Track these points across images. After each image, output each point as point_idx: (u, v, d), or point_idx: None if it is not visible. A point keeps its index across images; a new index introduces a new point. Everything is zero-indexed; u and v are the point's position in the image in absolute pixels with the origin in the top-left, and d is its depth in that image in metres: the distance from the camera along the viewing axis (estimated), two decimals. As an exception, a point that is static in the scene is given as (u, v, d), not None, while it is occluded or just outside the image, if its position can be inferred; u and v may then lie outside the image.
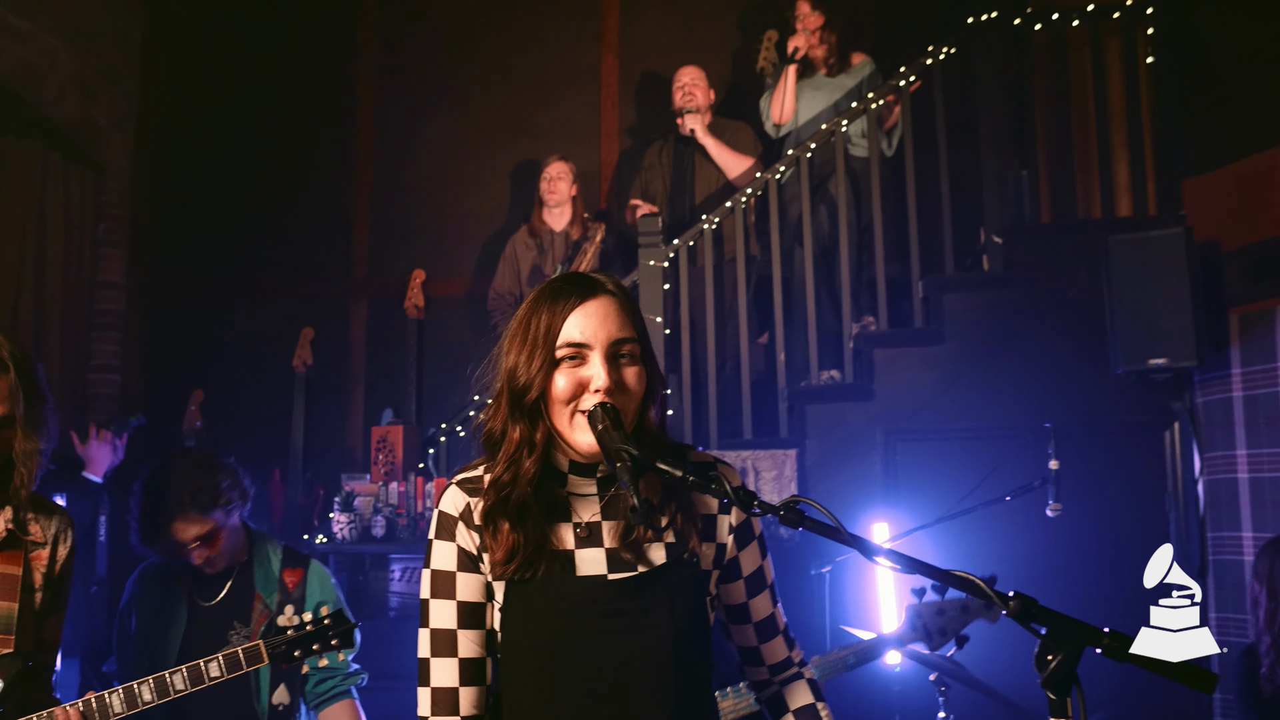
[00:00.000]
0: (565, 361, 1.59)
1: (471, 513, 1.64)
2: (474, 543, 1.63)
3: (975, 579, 1.32)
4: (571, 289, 1.63)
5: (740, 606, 1.78)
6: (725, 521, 1.72)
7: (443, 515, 1.66)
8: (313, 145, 6.27)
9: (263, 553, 2.99)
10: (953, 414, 4.52)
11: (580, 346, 1.59)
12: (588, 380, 1.58)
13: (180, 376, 5.83)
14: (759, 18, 6.00)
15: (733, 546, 1.73)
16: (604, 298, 1.63)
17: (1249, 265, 4.20)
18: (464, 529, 1.64)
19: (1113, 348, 4.24)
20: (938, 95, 4.85)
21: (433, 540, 1.66)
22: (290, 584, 2.95)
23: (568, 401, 1.58)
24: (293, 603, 2.88)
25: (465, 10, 6.27)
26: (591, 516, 1.65)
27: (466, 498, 1.65)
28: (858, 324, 4.86)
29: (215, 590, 2.94)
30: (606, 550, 1.62)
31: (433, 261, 5.98)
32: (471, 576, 1.64)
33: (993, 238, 4.71)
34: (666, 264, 4.82)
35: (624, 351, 1.61)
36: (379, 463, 4.93)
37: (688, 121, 5.26)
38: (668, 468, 1.48)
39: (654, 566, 1.62)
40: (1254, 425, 4.12)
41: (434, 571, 1.65)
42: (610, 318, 1.61)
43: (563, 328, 1.59)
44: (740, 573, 1.76)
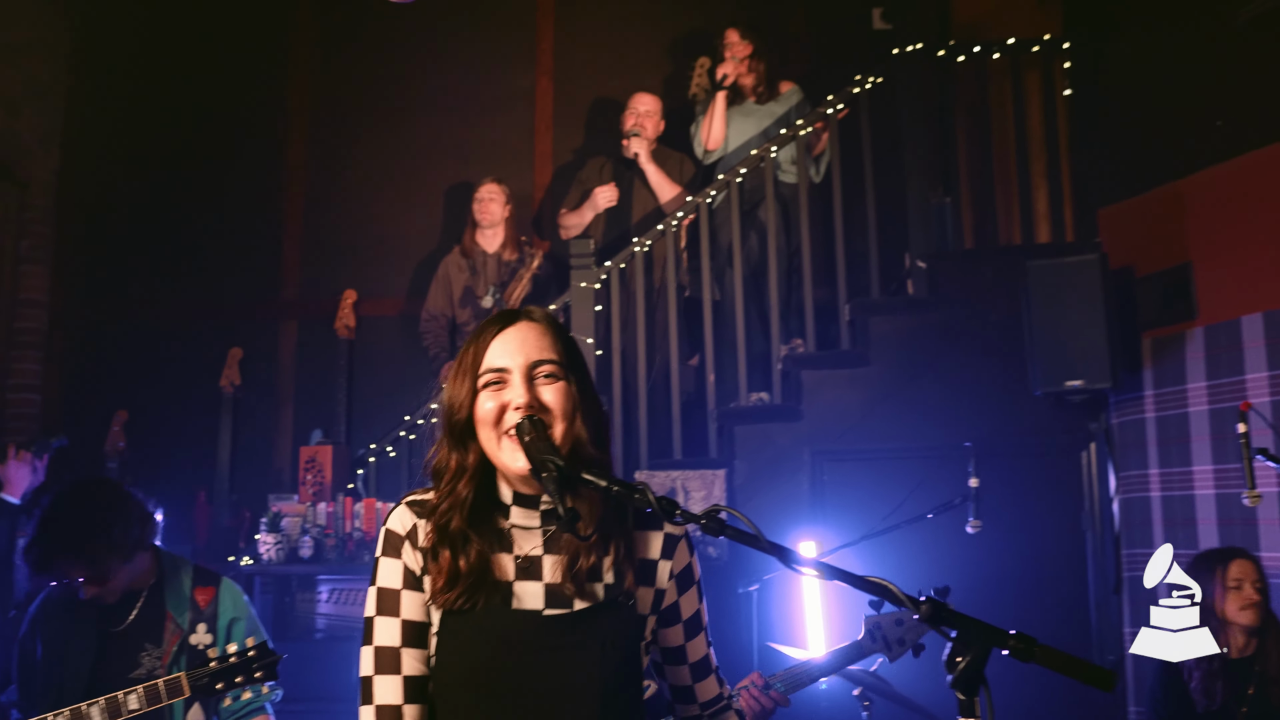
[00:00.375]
0: (489, 387, 1.64)
1: (418, 533, 1.65)
2: (418, 563, 1.64)
3: (887, 584, 1.36)
4: (495, 321, 1.70)
5: (678, 649, 1.80)
6: (666, 567, 1.74)
7: (390, 533, 1.67)
8: (243, 163, 6.21)
9: (173, 573, 2.94)
10: (878, 434, 4.62)
11: (500, 371, 1.64)
12: (508, 402, 1.62)
13: (103, 396, 5.72)
14: (691, 45, 6.10)
15: (673, 592, 1.75)
16: (524, 323, 1.68)
17: (1160, 290, 4.36)
18: (409, 548, 1.65)
19: (1031, 370, 4.37)
20: (864, 124, 4.96)
21: (379, 558, 1.66)
22: (202, 602, 2.90)
23: (494, 424, 1.62)
24: (205, 620, 2.85)
25: (399, 31, 6.27)
26: (533, 549, 1.66)
27: (414, 518, 1.66)
28: (786, 346, 4.94)
29: (124, 614, 2.87)
30: (545, 585, 1.63)
31: (364, 282, 5.94)
32: (416, 595, 1.64)
33: (917, 263, 4.83)
34: (599, 286, 4.86)
35: (543, 373, 1.64)
36: (307, 483, 4.89)
37: (632, 145, 5.32)
38: (593, 478, 1.51)
39: (591, 604, 1.63)
40: (1165, 445, 4.27)
41: (380, 589, 1.65)
42: (529, 341, 1.66)
43: (485, 355, 1.65)
44: (679, 617, 1.78)
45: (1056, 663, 1.32)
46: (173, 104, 6.21)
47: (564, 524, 1.46)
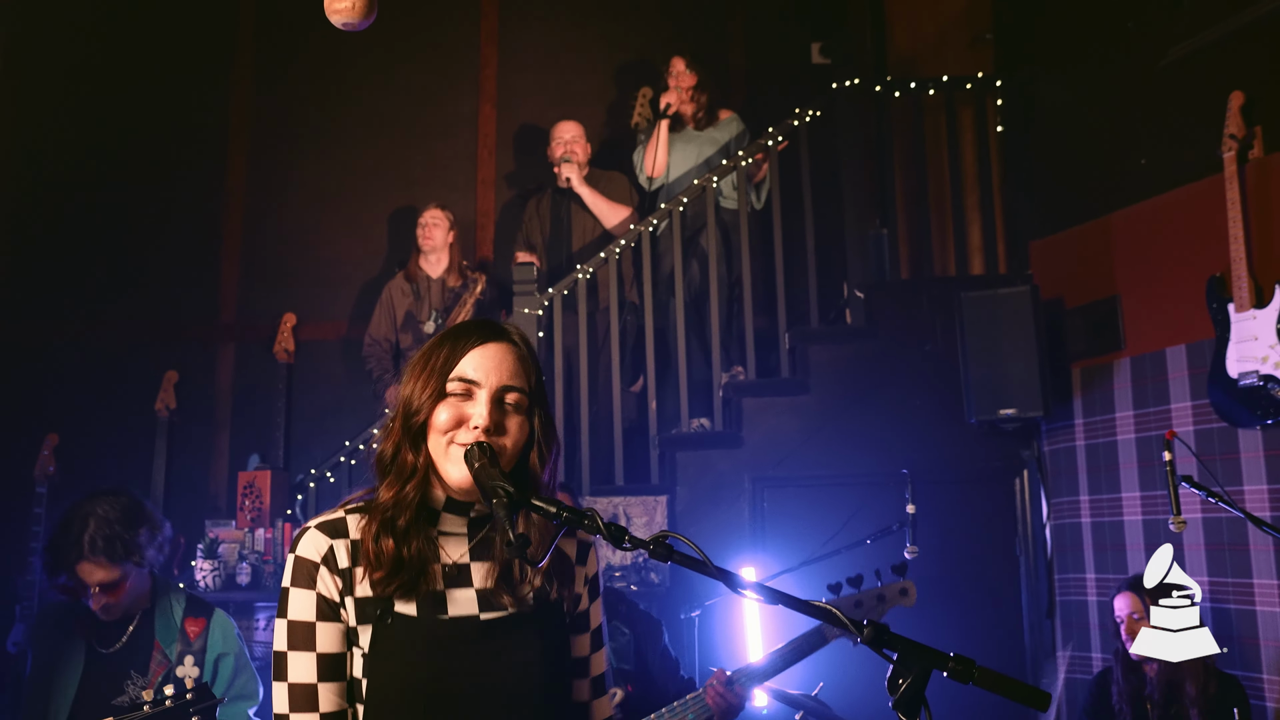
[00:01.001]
0: (453, 396, 1.63)
1: (335, 556, 1.61)
2: (336, 588, 1.60)
3: (831, 608, 1.40)
4: (477, 330, 1.69)
5: (583, 660, 1.79)
6: (581, 573, 1.76)
7: (300, 561, 1.60)
8: (182, 183, 6.14)
9: (165, 601, 2.91)
10: (817, 461, 4.69)
11: (470, 383, 1.63)
12: (468, 417, 1.62)
13: (33, 419, 5.60)
14: (632, 74, 6.19)
15: (585, 598, 1.77)
16: (505, 344, 1.68)
17: (1088, 322, 4.49)
18: (326, 574, 1.60)
19: (966, 398, 4.47)
20: (804, 155, 5.06)
21: (289, 589, 1.60)
22: (192, 634, 2.87)
23: (445, 432, 1.62)
24: (193, 653, 2.82)
25: (342, 55, 6.26)
26: (460, 557, 1.66)
27: (328, 540, 1.62)
28: (727, 374, 5.00)
29: (115, 638, 2.85)
30: (477, 590, 1.64)
31: (304, 305, 5.91)
32: (332, 626, 1.59)
33: (855, 292, 4.92)
34: (541, 312, 4.89)
35: (510, 400, 1.65)
36: (245, 508, 4.83)
37: (564, 171, 5.37)
38: (542, 504, 1.53)
39: (524, 608, 1.64)
40: (1095, 472, 4.39)
41: (291, 622, 1.59)
42: (505, 364, 1.66)
43: (459, 363, 1.64)
44: (588, 625, 1.79)
45: (994, 684, 1.36)
46: (109, 122, 6.11)
47: (514, 550, 1.46)
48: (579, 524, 1.51)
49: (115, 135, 6.11)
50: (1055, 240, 4.74)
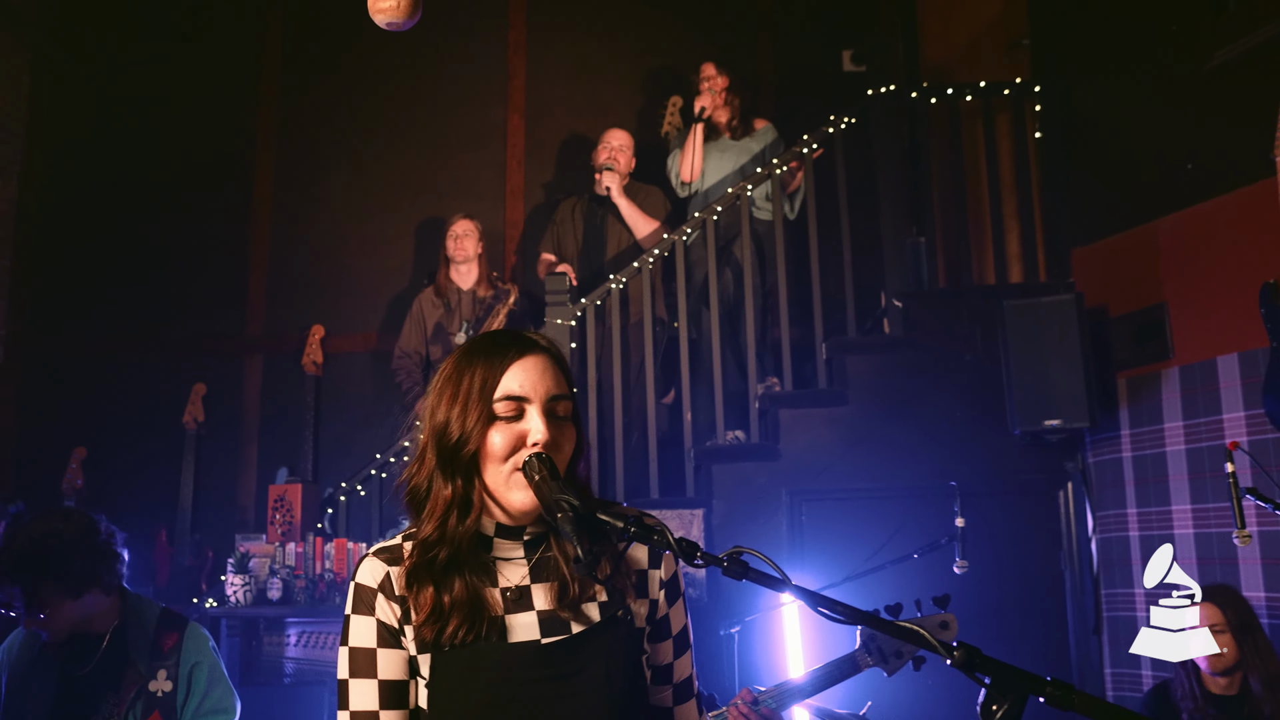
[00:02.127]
0: (503, 420, 1.56)
1: (391, 583, 1.56)
2: (395, 615, 1.56)
3: (920, 629, 1.32)
4: (509, 344, 1.61)
5: (665, 667, 1.72)
6: (656, 577, 1.68)
7: (360, 588, 1.57)
8: (210, 196, 6.13)
9: (137, 616, 2.83)
10: (856, 474, 4.60)
11: (520, 400, 1.56)
12: (525, 434, 1.55)
13: (62, 432, 5.59)
14: (661, 83, 6.13)
15: (664, 603, 1.69)
16: (541, 355, 1.62)
17: (1134, 331, 4.39)
18: (384, 601, 1.56)
19: (1009, 409, 4.37)
20: (839, 163, 4.98)
21: (350, 615, 1.57)
22: (165, 647, 2.78)
23: (506, 458, 1.55)
24: (166, 667, 2.73)
25: (370, 67, 6.24)
26: (520, 580, 1.59)
27: (385, 567, 1.58)
28: (762, 385, 4.92)
29: (87, 658, 2.76)
30: (538, 614, 1.57)
31: (333, 318, 5.87)
32: (393, 653, 1.55)
33: (893, 301, 4.84)
34: (574, 323, 4.82)
35: (561, 411, 1.60)
36: (276, 522, 4.78)
37: (604, 179, 5.31)
38: (609, 518, 1.46)
39: (588, 626, 1.57)
40: (1143, 484, 4.28)
41: (352, 649, 1.55)
42: (548, 374, 1.60)
43: (501, 381, 1.57)
44: (669, 631, 1.71)
45: (1094, 710, 1.28)
46: (138, 135, 6.13)
47: (584, 568, 1.40)
48: (648, 539, 1.44)
49: (143, 149, 6.13)
50: (1098, 247, 4.64)
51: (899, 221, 4.99)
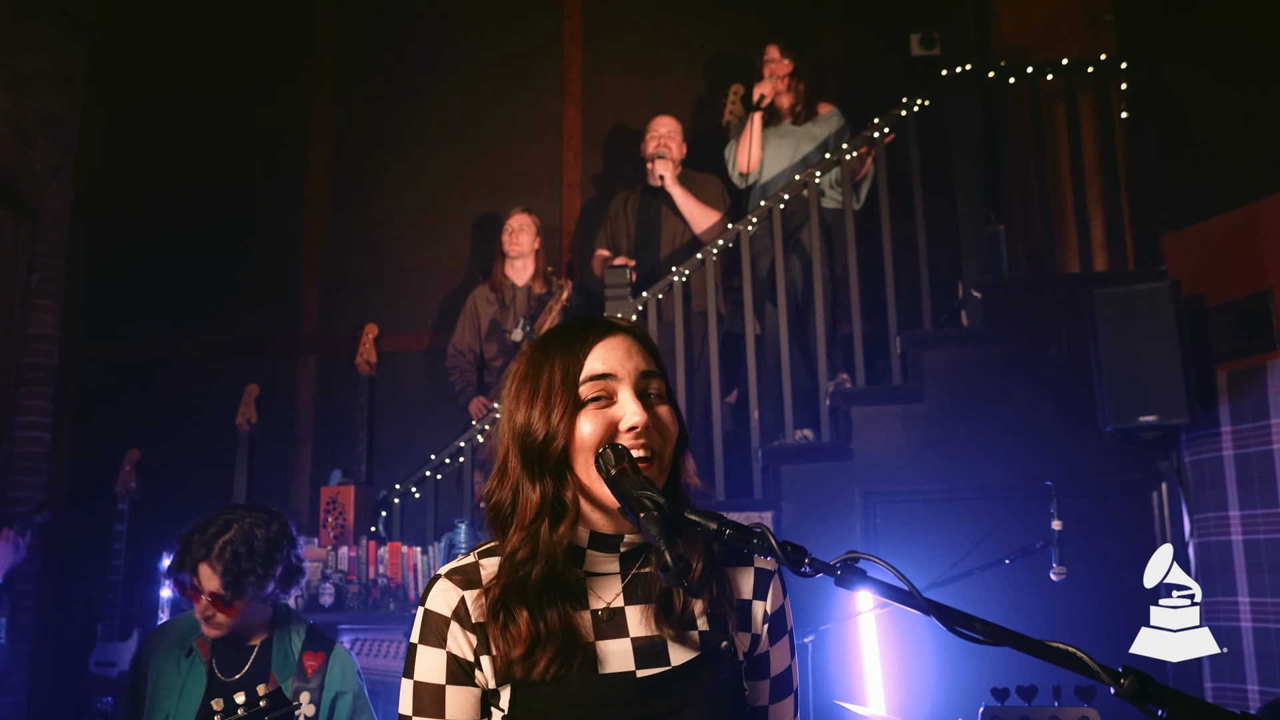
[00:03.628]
0: (590, 404, 1.37)
1: (468, 609, 1.37)
2: (470, 646, 1.37)
3: (1076, 651, 1.11)
4: (587, 328, 1.44)
5: (759, 710, 1.50)
6: (760, 608, 1.48)
7: (430, 616, 1.39)
8: (262, 193, 6.03)
9: (285, 632, 2.75)
10: (934, 474, 4.35)
11: (606, 378, 1.38)
12: (618, 419, 1.36)
13: (115, 435, 5.51)
14: (723, 68, 5.92)
15: (766, 639, 1.48)
16: (622, 334, 1.44)
17: (1234, 320, 4.10)
18: (458, 631, 1.37)
19: (1101, 405, 4.10)
20: (912, 147, 4.74)
21: (416, 645, 1.39)
22: (309, 669, 2.70)
23: (598, 445, 1.36)
24: (309, 689, 2.63)
25: (423, 59, 6.10)
26: (614, 600, 1.40)
27: (460, 592, 1.39)
28: (832, 382, 4.69)
29: (237, 666, 2.70)
30: (633, 641, 1.37)
31: (387, 316, 5.73)
32: (464, 691, 1.37)
33: (971, 292, 4.58)
34: (634, 318, 4.63)
35: (653, 388, 1.41)
36: (328, 526, 4.63)
37: (657, 168, 5.09)
38: (699, 519, 1.26)
39: (689, 659, 1.37)
40: (1246, 485, 3.99)
41: (419, 684, 1.37)
42: (634, 350, 1.42)
43: (585, 364, 1.39)
44: (768, 671, 1.50)
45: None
46: (189, 134, 6.05)
47: (674, 576, 1.18)
48: (746, 542, 1.23)
49: (195, 148, 6.04)
50: (1193, 232, 4.35)
51: (976, 209, 4.74)
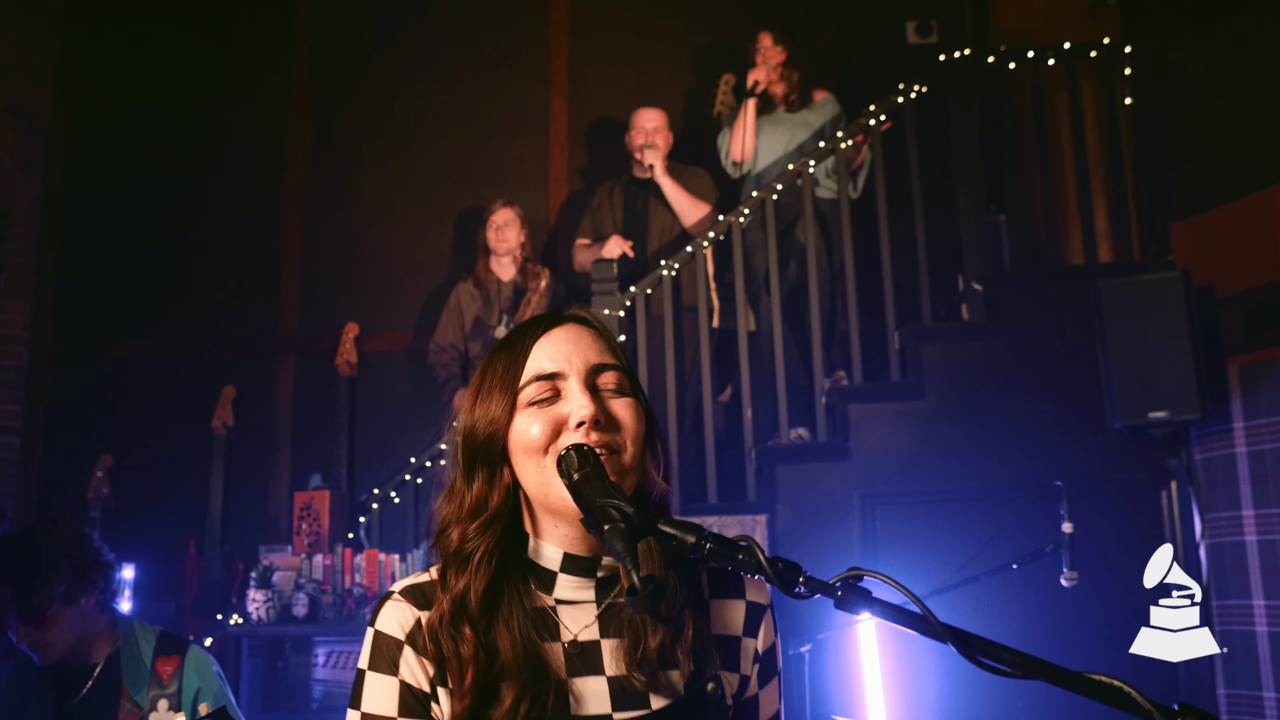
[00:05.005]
0: (536, 403, 1.22)
1: (423, 633, 1.21)
2: (426, 675, 1.20)
3: (1123, 685, 0.93)
4: (534, 323, 1.29)
5: None
6: (751, 646, 1.31)
7: (381, 638, 1.22)
8: (239, 189, 5.85)
9: (131, 641, 2.58)
10: (935, 474, 4.17)
11: (552, 377, 1.23)
12: (565, 417, 1.20)
13: (87, 439, 5.33)
14: (714, 59, 5.74)
15: (755, 681, 1.32)
16: (574, 324, 1.28)
17: (1247, 311, 3.93)
18: (413, 656, 1.21)
19: (1109, 401, 3.93)
20: (910, 136, 4.57)
21: (365, 671, 1.22)
22: (164, 674, 2.54)
23: (545, 449, 1.20)
24: (167, 696, 2.49)
25: (405, 53, 5.93)
26: (586, 632, 1.23)
27: (416, 612, 1.23)
28: (829, 379, 4.51)
29: (78, 687, 2.52)
30: (609, 680, 1.20)
31: (368, 315, 5.56)
32: None
33: (972, 285, 4.41)
34: (622, 313, 4.45)
35: (608, 382, 1.24)
36: (302, 533, 4.45)
37: (646, 156, 4.91)
38: (675, 531, 1.08)
39: (673, 701, 1.21)
40: (1261, 483, 3.82)
41: (365, 715, 1.20)
42: (585, 341, 1.26)
43: (527, 362, 1.24)
44: (757, 716, 1.34)
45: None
46: (165, 129, 5.86)
47: (642, 601, 1.00)
48: (730, 558, 1.05)
49: (171, 143, 5.86)
50: (1202, 220, 4.18)
51: (976, 199, 4.56)
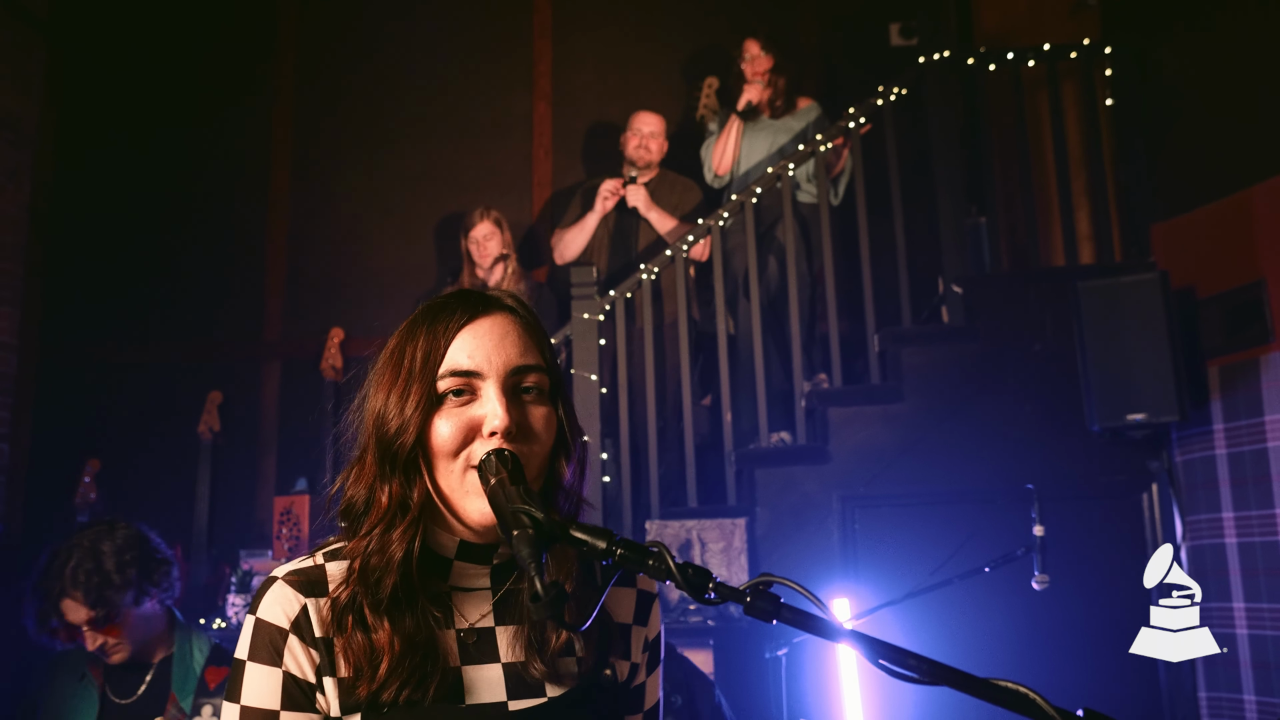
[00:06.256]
0: (450, 399, 1.20)
1: (310, 620, 1.19)
2: (311, 664, 1.18)
3: (1030, 692, 0.92)
4: (457, 305, 1.26)
5: None
6: (641, 635, 1.32)
7: (263, 626, 1.19)
8: (223, 195, 5.85)
9: (185, 647, 2.64)
10: (915, 477, 4.17)
11: (469, 375, 1.20)
12: (479, 421, 1.19)
13: (75, 444, 5.32)
14: (700, 64, 5.74)
15: (643, 669, 1.33)
16: (500, 315, 1.25)
17: (1227, 313, 3.93)
18: (297, 645, 1.18)
19: (1088, 403, 3.93)
20: (889, 138, 4.57)
21: (245, 662, 1.19)
22: (211, 682, 2.60)
23: (455, 453, 1.19)
24: (212, 704, 2.54)
25: (389, 57, 5.93)
26: (481, 619, 1.23)
27: (301, 598, 1.20)
28: (809, 382, 4.51)
29: (131, 687, 2.61)
30: (504, 666, 1.20)
31: (353, 320, 5.54)
32: (302, 718, 1.18)
33: (952, 287, 4.41)
34: (602, 317, 4.45)
35: (528, 384, 1.23)
36: (283, 537, 4.46)
37: (630, 196, 4.92)
38: (586, 536, 1.08)
39: (568, 689, 1.21)
40: (1240, 485, 3.81)
41: (246, 710, 1.17)
42: (509, 339, 1.23)
43: (446, 352, 1.21)
44: (642, 704, 1.34)
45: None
46: (150, 135, 5.87)
47: (543, 608, 0.99)
48: (641, 565, 1.05)
49: (156, 149, 5.86)
50: (1182, 222, 4.18)
51: (956, 201, 4.57)
